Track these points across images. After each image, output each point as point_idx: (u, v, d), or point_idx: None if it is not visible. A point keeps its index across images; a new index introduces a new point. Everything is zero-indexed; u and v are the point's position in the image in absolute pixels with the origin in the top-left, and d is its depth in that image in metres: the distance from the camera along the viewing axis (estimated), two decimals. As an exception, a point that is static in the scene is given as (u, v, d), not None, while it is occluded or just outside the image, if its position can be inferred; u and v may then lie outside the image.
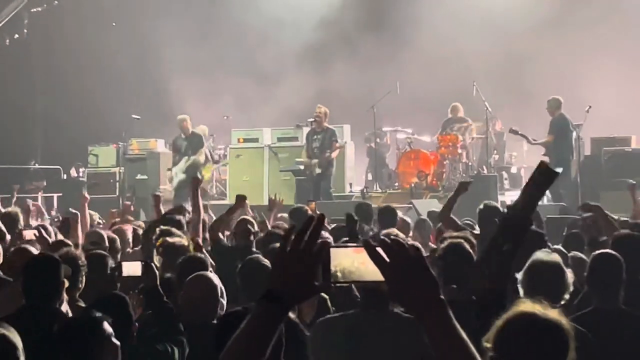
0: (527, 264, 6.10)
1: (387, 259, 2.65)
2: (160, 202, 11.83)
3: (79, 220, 10.17)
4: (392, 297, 2.70)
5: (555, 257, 6.28)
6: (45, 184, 23.34)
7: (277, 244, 4.90)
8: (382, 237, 2.77)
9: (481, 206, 10.10)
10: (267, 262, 6.94)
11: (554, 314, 3.54)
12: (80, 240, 9.61)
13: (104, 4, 26.27)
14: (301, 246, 2.67)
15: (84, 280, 6.85)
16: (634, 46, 23.25)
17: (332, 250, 2.70)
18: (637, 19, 23.31)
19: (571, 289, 6.11)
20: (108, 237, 9.47)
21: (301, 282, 2.68)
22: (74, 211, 10.57)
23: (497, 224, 4.52)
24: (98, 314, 4.62)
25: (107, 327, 4.54)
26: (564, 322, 3.52)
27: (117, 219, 12.75)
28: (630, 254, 6.90)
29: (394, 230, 9.15)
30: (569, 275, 6.13)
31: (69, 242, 8.58)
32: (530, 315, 3.51)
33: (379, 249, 2.66)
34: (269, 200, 13.72)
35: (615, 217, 9.95)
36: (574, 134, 18.51)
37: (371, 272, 2.68)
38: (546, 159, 18.97)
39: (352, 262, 2.71)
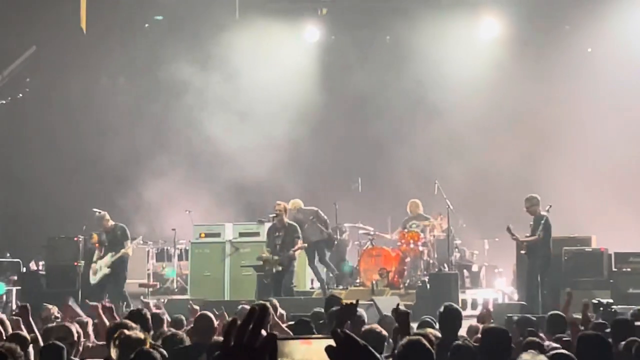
0: None
1: (337, 349, 2.58)
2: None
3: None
4: None
5: (542, 358, 6.14)
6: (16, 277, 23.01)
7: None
8: (334, 329, 2.71)
9: (441, 308, 9.98)
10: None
11: None
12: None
13: (67, 97, 26.30)
14: (244, 340, 2.59)
15: None
16: (592, 147, 23.61)
17: (279, 342, 2.60)
18: (593, 125, 23.72)
19: None
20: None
21: None
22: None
23: None
24: None
25: None
26: None
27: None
28: (595, 354, 6.87)
29: (377, 327, 9.14)
30: None
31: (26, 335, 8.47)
32: None
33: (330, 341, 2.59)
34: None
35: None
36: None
37: None
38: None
39: (299, 354, 2.65)
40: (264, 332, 2.62)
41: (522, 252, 18.83)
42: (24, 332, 7.89)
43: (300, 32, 26.58)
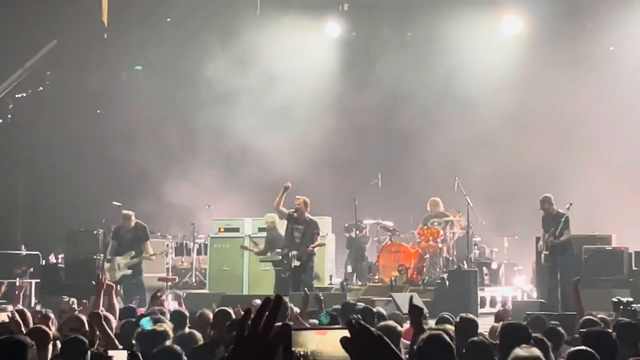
0: None
1: (352, 339, 2.59)
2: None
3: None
4: None
5: (535, 351, 6.16)
6: (32, 269, 23.08)
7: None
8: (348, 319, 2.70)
9: (457, 319, 9.82)
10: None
11: None
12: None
13: (87, 91, 26.41)
14: (259, 330, 2.59)
15: None
16: (614, 145, 23.48)
17: (293, 332, 2.63)
18: (614, 123, 23.60)
19: None
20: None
21: None
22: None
23: None
24: None
25: None
26: None
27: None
28: (601, 350, 6.83)
29: (392, 322, 9.13)
30: None
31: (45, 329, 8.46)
32: None
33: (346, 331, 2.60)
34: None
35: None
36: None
37: (334, 354, 2.64)
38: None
39: (314, 344, 2.67)
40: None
41: (545, 252, 18.62)
42: (45, 328, 7.85)
43: (321, 27, 26.56)
